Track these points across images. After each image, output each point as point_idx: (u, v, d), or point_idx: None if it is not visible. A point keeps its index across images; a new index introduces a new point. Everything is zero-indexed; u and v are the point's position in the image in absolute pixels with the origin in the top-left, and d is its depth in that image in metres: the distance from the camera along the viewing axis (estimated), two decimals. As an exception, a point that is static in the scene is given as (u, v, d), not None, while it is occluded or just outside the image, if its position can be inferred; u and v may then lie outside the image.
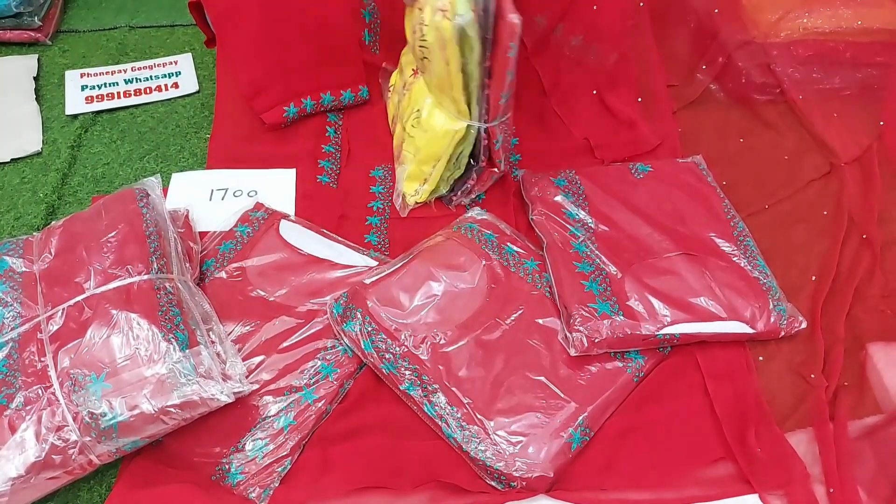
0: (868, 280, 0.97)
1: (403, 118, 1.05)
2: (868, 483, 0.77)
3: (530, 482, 0.76)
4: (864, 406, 0.84)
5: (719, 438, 0.82)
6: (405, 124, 1.04)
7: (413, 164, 1.03)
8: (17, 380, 0.75)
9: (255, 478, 0.78)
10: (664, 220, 0.99)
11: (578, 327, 0.85)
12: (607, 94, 1.21)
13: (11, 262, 0.87)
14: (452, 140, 0.97)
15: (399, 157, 1.07)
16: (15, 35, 1.39)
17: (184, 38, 1.43)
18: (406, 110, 1.04)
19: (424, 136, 1.00)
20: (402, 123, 1.06)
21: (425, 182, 1.04)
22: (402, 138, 1.05)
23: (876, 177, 1.08)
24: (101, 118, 1.26)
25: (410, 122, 1.02)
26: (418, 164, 1.03)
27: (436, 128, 0.98)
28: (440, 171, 1.01)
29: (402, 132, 1.06)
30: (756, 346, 0.91)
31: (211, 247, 0.99)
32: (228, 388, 0.78)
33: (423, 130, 0.99)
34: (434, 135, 0.98)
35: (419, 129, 1.00)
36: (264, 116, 1.14)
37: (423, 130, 0.99)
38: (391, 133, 1.15)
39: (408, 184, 1.06)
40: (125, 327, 0.77)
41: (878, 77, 1.19)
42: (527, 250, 0.97)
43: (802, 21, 1.19)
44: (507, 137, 1.01)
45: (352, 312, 0.87)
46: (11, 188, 1.13)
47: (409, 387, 0.83)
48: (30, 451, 0.71)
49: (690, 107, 1.23)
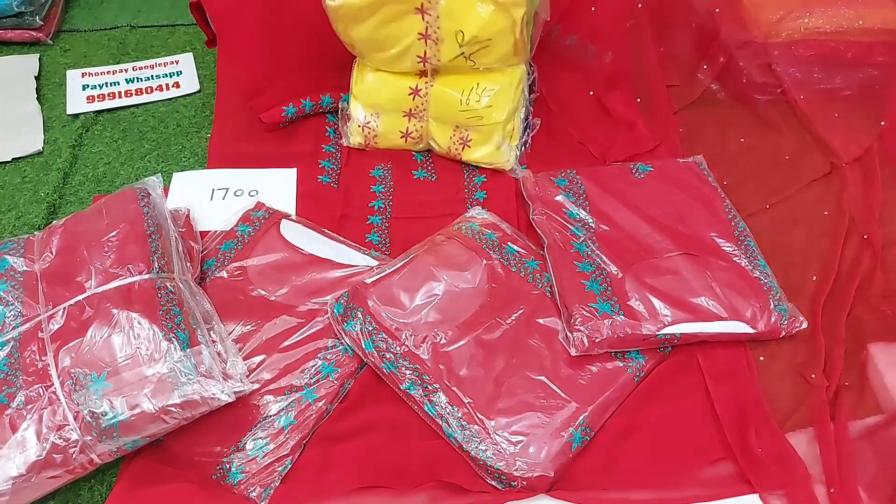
0: (869, 280, 0.96)
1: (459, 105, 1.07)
2: (869, 483, 0.77)
3: (531, 482, 0.76)
4: (865, 406, 0.84)
5: (720, 438, 0.82)
6: (466, 109, 1.07)
7: (498, 132, 1.08)
8: (18, 379, 0.75)
9: (255, 477, 0.78)
10: (665, 219, 0.99)
11: (579, 327, 0.85)
12: (605, 95, 1.21)
13: (12, 262, 0.87)
14: (521, 82, 1.08)
15: (468, 141, 1.10)
16: (16, 34, 1.39)
17: (185, 38, 1.43)
18: (448, 103, 1.07)
19: (503, 97, 1.06)
20: (458, 111, 1.08)
21: (511, 136, 1.10)
22: (462, 124, 1.09)
23: (877, 177, 1.08)
24: (102, 117, 1.26)
25: (472, 103, 1.06)
26: (504, 126, 1.08)
27: (511, 79, 1.06)
28: (519, 118, 1.11)
29: (460, 117, 1.08)
30: (757, 346, 0.90)
31: (212, 246, 0.99)
32: (229, 388, 0.78)
33: (498, 93, 1.06)
34: (510, 87, 1.06)
35: (494, 96, 1.06)
36: (263, 116, 1.14)
37: (500, 92, 1.06)
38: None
39: (502, 152, 1.10)
40: (126, 326, 0.77)
41: (879, 77, 1.19)
42: (528, 250, 0.97)
43: (803, 21, 1.19)
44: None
45: (352, 312, 0.87)
46: (13, 187, 1.14)
47: (410, 386, 0.83)
48: (31, 450, 0.72)
49: (691, 107, 1.23)
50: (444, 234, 0.98)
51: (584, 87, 1.22)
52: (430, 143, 1.14)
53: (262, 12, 1.11)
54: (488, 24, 0.97)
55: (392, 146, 1.15)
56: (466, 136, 1.10)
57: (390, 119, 1.11)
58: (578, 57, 1.22)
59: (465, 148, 1.11)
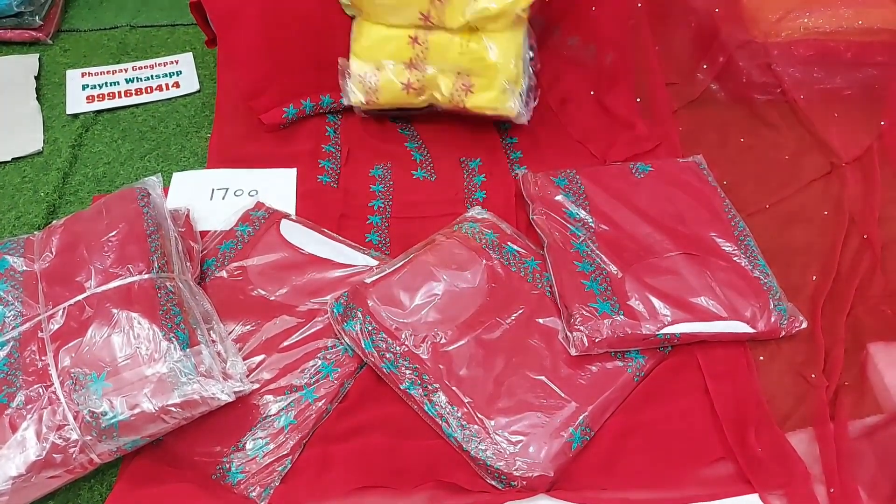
0: (868, 280, 0.96)
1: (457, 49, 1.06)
2: (868, 483, 0.77)
3: (530, 481, 0.76)
4: (865, 406, 0.84)
5: (720, 438, 0.82)
6: (466, 52, 1.06)
7: (502, 74, 1.06)
8: (18, 379, 0.75)
9: (255, 477, 0.79)
10: (665, 219, 0.99)
11: (579, 327, 0.85)
12: (605, 95, 1.21)
13: (12, 262, 0.87)
14: (524, 30, 1.08)
15: (471, 87, 1.08)
16: (16, 34, 1.39)
17: (185, 38, 1.43)
18: (448, 48, 1.06)
19: (504, 38, 1.05)
20: (458, 54, 1.07)
21: (517, 81, 1.08)
22: (464, 69, 1.07)
23: (876, 177, 1.08)
24: (101, 117, 1.26)
25: (472, 45, 1.05)
26: (507, 68, 1.06)
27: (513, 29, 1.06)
28: (524, 64, 1.09)
29: (462, 60, 1.07)
30: (756, 345, 0.90)
31: (212, 246, 0.99)
32: (229, 387, 0.78)
33: (500, 36, 1.05)
34: (513, 33, 1.06)
35: (495, 38, 1.05)
36: (263, 117, 1.14)
37: (501, 35, 1.05)
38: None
39: (506, 96, 1.08)
40: (126, 326, 0.77)
41: (878, 77, 1.19)
42: (527, 250, 0.97)
43: (803, 21, 1.19)
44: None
45: (352, 312, 0.87)
46: (12, 187, 1.14)
47: (410, 386, 0.83)
48: (30, 449, 0.72)
49: (691, 106, 1.23)
50: (443, 233, 0.98)
51: (585, 87, 1.22)
52: (432, 95, 1.12)
53: (262, 12, 1.11)
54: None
55: (394, 100, 1.12)
56: (469, 81, 1.08)
57: (391, 72, 1.09)
58: (579, 57, 1.22)
59: (468, 94, 1.08)
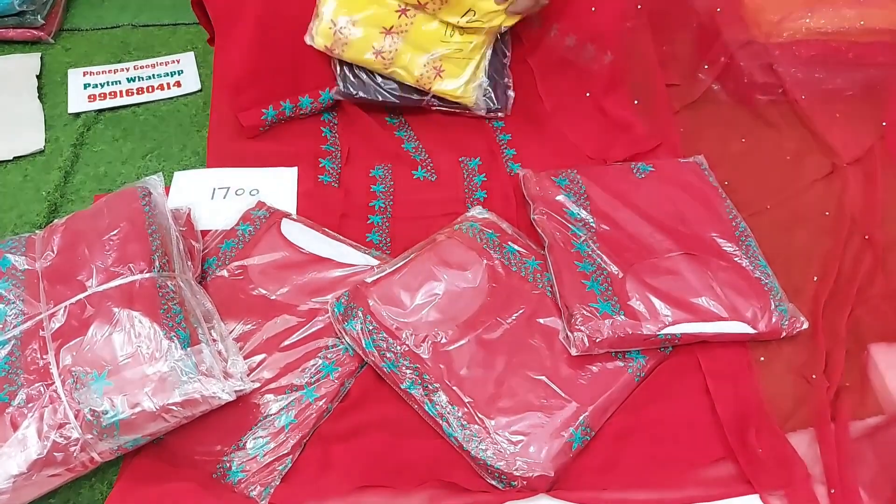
0: (870, 281, 0.96)
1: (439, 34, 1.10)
2: (869, 484, 0.77)
3: (531, 481, 0.76)
4: (866, 407, 0.84)
5: (720, 438, 0.82)
6: (448, 41, 1.10)
7: (472, 64, 1.12)
8: (19, 377, 0.75)
9: (255, 476, 0.79)
10: (666, 219, 0.99)
11: (579, 327, 0.85)
12: (603, 97, 1.20)
13: (14, 260, 0.87)
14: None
15: (441, 71, 1.12)
16: (18, 33, 1.39)
17: (186, 37, 1.43)
18: (432, 33, 1.10)
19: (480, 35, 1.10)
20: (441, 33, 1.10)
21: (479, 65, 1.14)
22: (444, 54, 1.11)
23: (878, 177, 1.08)
24: (103, 116, 1.26)
25: (455, 36, 1.10)
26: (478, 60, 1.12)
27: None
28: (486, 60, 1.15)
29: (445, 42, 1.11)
30: (757, 346, 0.90)
31: (212, 245, 0.99)
32: (230, 387, 0.78)
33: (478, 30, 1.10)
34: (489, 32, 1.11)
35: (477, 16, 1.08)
36: (241, 117, 1.13)
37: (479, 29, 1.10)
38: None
39: (472, 88, 1.14)
40: (127, 325, 0.77)
41: (880, 77, 1.19)
42: (528, 249, 0.97)
43: (805, 21, 1.18)
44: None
45: (353, 311, 0.87)
46: (14, 186, 1.14)
47: (410, 386, 0.83)
48: (31, 448, 0.72)
49: (692, 107, 1.23)
50: (444, 233, 0.98)
51: (582, 87, 1.22)
52: (396, 71, 1.13)
53: (260, 12, 1.11)
54: None
55: (355, 59, 1.12)
56: (440, 65, 1.11)
57: (367, 32, 1.09)
58: (577, 58, 1.22)
59: (437, 77, 1.12)
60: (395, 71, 1.13)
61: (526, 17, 1.12)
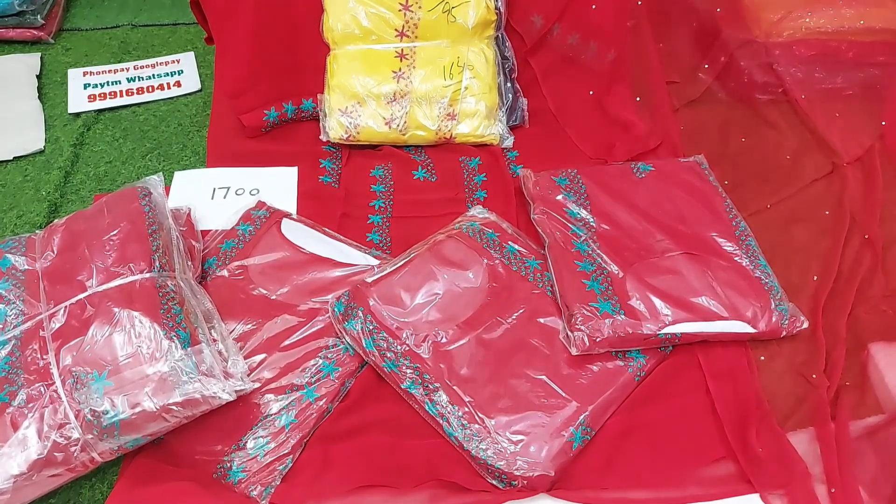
0: (869, 280, 0.96)
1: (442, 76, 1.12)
2: (869, 483, 0.77)
3: (531, 481, 0.76)
4: (866, 406, 0.84)
5: (720, 438, 0.82)
6: (450, 84, 1.12)
7: (486, 95, 1.14)
8: (20, 377, 0.75)
9: (256, 476, 0.79)
10: (666, 219, 0.99)
11: (580, 326, 0.85)
12: (604, 95, 1.21)
13: (14, 260, 0.87)
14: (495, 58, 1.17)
15: (455, 115, 1.14)
16: (18, 33, 1.39)
17: (186, 37, 1.43)
18: (432, 79, 1.12)
19: (483, 68, 1.14)
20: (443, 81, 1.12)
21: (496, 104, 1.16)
22: (449, 95, 1.13)
23: (878, 176, 1.08)
24: (103, 116, 1.26)
25: (455, 75, 1.13)
26: (489, 89, 1.14)
27: (486, 57, 1.14)
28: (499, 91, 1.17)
29: (449, 90, 1.13)
30: (757, 345, 0.90)
31: (213, 245, 0.99)
32: (230, 387, 0.78)
33: (478, 67, 1.14)
34: (487, 62, 1.14)
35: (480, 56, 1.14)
36: (243, 118, 1.13)
37: (478, 65, 1.14)
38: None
39: (490, 122, 1.15)
40: (127, 325, 0.77)
41: (880, 77, 1.19)
42: (528, 249, 0.97)
43: (805, 21, 1.19)
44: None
45: (353, 311, 0.87)
46: (14, 186, 1.14)
47: (411, 385, 0.83)
48: (32, 448, 0.72)
49: (692, 106, 1.23)
50: (444, 233, 0.98)
51: (586, 86, 1.22)
52: (415, 133, 1.13)
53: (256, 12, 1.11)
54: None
55: (374, 137, 1.13)
56: (453, 110, 1.12)
57: (372, 107, 1.11)
58: (579, 56, 1.22)
59: (452, 121, 1.13)
60: (414, 135, 1.14)
61: (526, 17, 1.12)
